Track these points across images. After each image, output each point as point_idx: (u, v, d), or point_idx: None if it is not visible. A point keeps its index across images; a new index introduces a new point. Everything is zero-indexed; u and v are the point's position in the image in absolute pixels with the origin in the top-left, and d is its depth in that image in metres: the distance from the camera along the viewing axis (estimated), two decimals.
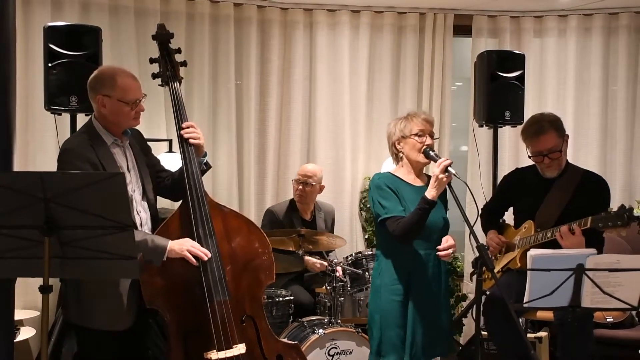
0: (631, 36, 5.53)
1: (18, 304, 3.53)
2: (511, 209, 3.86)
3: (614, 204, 3.20)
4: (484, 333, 3.57)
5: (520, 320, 3.71)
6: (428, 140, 3.15)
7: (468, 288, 5.36)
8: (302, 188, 4.65)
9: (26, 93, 4.47)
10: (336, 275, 4.16)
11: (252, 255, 3.12)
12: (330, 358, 3.94)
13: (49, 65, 3.82)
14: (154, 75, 3.23)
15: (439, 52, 5.48)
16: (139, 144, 3.10)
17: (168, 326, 2.94)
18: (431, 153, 3.11)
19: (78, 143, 2.88)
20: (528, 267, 2.85)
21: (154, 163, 3.19)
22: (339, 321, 4.07)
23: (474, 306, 3.01)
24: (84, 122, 3.03)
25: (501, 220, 3.91)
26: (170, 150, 4.86)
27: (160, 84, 3.24)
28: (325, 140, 5.40)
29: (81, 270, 2.48)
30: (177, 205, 3.11)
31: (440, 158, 3.04)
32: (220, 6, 5.15)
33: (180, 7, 5.02)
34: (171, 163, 4.01)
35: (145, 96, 2.97)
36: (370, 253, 4.35)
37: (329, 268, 4.20)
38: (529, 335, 4.05)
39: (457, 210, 2.93)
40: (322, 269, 4.36)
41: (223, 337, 2.91)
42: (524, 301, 2.85)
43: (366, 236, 5.47)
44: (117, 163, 2.92)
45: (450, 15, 5.50)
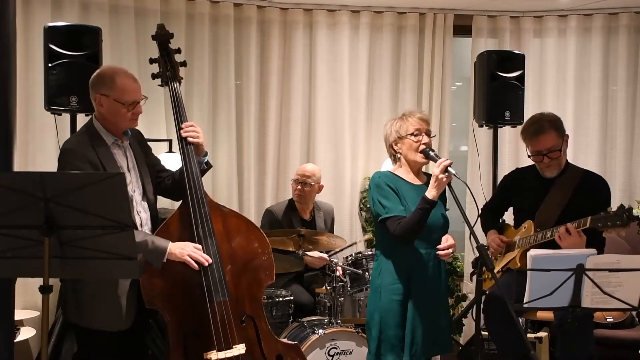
0: (631, 36, 5.53)
1: (18, 304, 3.53)
2: (511, 209, 3.86)
3: (614, 204, 3.20)
4: (484, 333, 3.57)
5: (520, 320, 3.71)
6: (425, 139, 3.13)
7: (468, 288, 5.36)
8: (301, 188, 4.65)
9: (26, 93, 4.46)
10: (336, 275, 4.16)
11: (252, 255, 3.11)
12: (330, 358, 3.94)
13: (49, 65, 3.83)
14: (154, 75, 3.23)
15: (439, 52, 5.48)
16: (140, 144, 3.10)
17: (168, 326, 2.93)
18: (431, 153, 3.10)
19: (78, 143, 2.88)
20: (528, 267, 2.85)
21: (154, 163, 3.18)
22: (339, 321, 4.06)
23: (474, 306, 3.01)
24: (84, 122, 3.04)
25: (501, 220, 3.92)
26: (170, 150, 4.86)
27: (160, 84, 3.24)
28: (325, 140, 5.40)
29: (81, 270, 2.48)
30: (177, 205, 3.11)
31: (440, 158, 3.03)
32: (220, 6, 5.15)
33: (180, 7, 5.02)
34: (171, 163, 4.01)
35: (146, 99, 2.97)
36: (370, 253, 4.35)
37: (328, 265, 4.19)
38: (529, 335, 4.04)
39: (457, 210, 2.92)
40: (323, 264, 4.35)
41: (223, 338, 2.91)
42: (524, 301, 2.85)
43: (366, 236, 5.46)
44: (118, 163, 2.92)
45: (450, 15, 5.50)
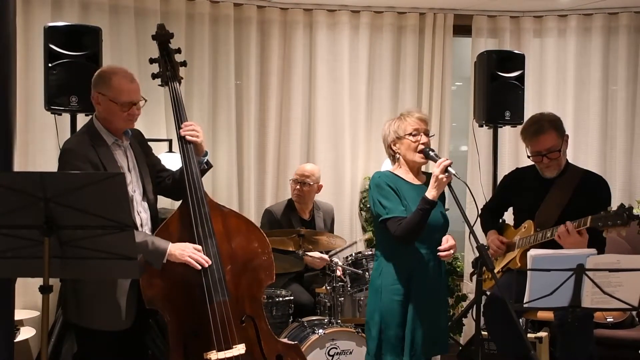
0: (631, 36, 5.53)
1: (18, 304, 3.53)
2: (511, 209, 3.86)
3: (614, 204, 3.19)
4: (484, 333, 3.57)
5: (520, 320, 3.71)
6: (423, 138, 3.11)
7: (468, 288, 5.35)
8: (300, 188, 4.65)
9: (26, 93, 4.46)
10: (336, 275, 4.16)
11: (252, 255, 3.11)
12: (330, 358, 3.93)
13: (49, 65, 3.82)
14: (154, 75, 3.23)
15: (439, 52, 5.48)
16: (140, 144, 3.10)
17: (168, 326, 2.93)
18: (431, 153, 3.08)
19: (79, 143, 2.88)
20: (528, 267, 2.85)
21: (155, 163, 3.19)
22: (339, 321, 4.06)
23: (474, 306, 3.01)
24: (84, 122, 3.04)
25: (501, 220, 3.91)
26: (170, 150, 4.86)
27: (160, 84, 3.25)
28: (325, 140, 5.40)
29: (81, 270, 2.48)
30: (177, 205, 3.11)
31: (439, 158, 3.01)
32: (220, 6, 5.15)
33: (180, 7, 5.02)
34: (171, 163, 4.00)
35: (145, 101, 2.97)
36: (370, 253, 4.34)
37: (328, 265, 4.19)
38: (529, 335, 4.04)
39: (457, 210, 2.92)
40: (323, 264, 4.35)
41: (223, 338, 2.91)
42: (524, 301, 2.85)
43: (366, 236, 5.46)
44: (118, 163, 2.92)
45: (450, 15, 5.50)
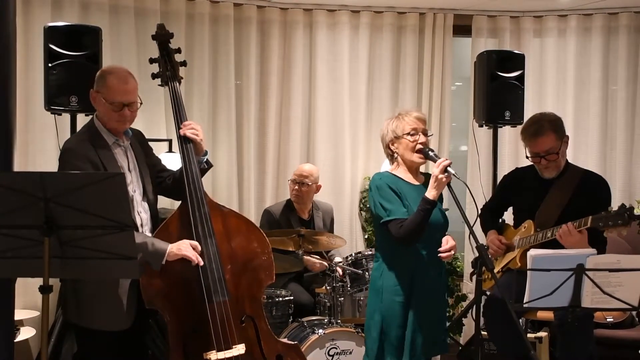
0: (631, 36, 5.53)
1: (18, 304, 3.53)
2: (511, 209, 3.86)
3: (614, 204, 3.20)
4: (484, 333, 3.56)
5: (520, 320, 3.71)
6: (421, 138, 3.09)
7: (468, 288, 5.35)
8: (299, 188, 4.64)
9: (26, 93, 4.46)
10: (336, 275, 4.16)
11: (252, 255, 3.11)
12: (330, 358, 3.93)
13: (49, 65, 3.82)
14: (154, 75, 3.23)
15: (439, 52, 5.48)
16: (141, 144, 3.10)
17: (168, 326, 2.93)
18: (430, 153, 3.07)
19: (79, 143, 2.88)
20: (528, 267, 2.85)
21: (155, 163, 3.18)
22: (339, 321, 4.06)
23: (474, 306, 3.00)
24: (84, 122, 3.04)
25: (501, 220, 3.91)
26: (170, 150, 4.86)
27: (160, 84, 3.25)
28: (325, 140, 5.40)
29: (81, 270, 2.48)
30: (177, 205, 3.10)
31: (439, 158, 3.00)
32: (220, 6, 5.15)
33: (180, 7, 5.02)
34: (171, 163, 4.00)
35: (140, 104, 2.95)
36: (370, 253, 4.34)
37: (329, 269, 4.19)
38: (529, 335, 4.04)
39: (457, 210, 2.91)
40: (322, 269, 4.36)
41: (222, 338, 2.91)
42: (524, 301, 2.85)
43: (366, 236, 5.47)
44: (118, 163, 2.92)
45: (450, 15, 5.50)
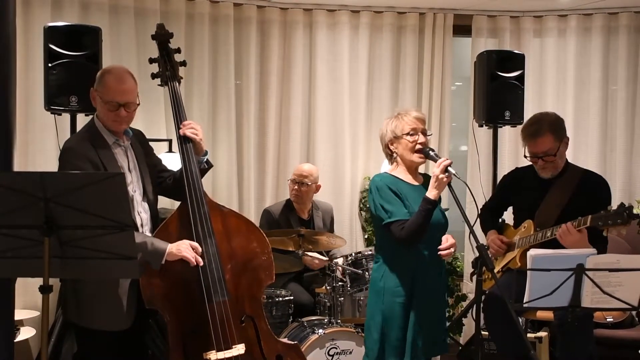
0: (631, 36, 5.53)
1: (18, 304, 3.53)
2: (511, 209, 3.86)
3: (614, 204, 3.19)
4: (484, 333, 3.57)
5: (520, 320, 3.70)
6: (421, 138, 3.08)
7: (468, 288, 5.35)
8: (298, 188, 4.64)
9: (26, 93, 4.46)
10: (336, 275, 4.16)
11: (252, 255, 3.11)
12: (330, 358, 3.93)
13: (49, 65, 3.82)
14: (154, 75, 3.23)
15: (439, 52, 5.48)
16: (141, 145, 3.10)
17: (168, 326, 2.93)
18: (431, 153, 3.07)
19: (79, 142, 2.89)
20: (528, 267, 2.85)
21: (156, 163, 3.18)
22: (339, 321, 4.06)
23: (474, 306, 3.01)
24: (84, 122, 3.04)
25: (501, 220, 3.91)
26: (170, 150, 4.86)
27: (159, 84, 3.25)
28: (325, 140, 5.39)
29: (81, 270, 2.48)
30: (177, 205, 3.11)
31: (439, 158, 3.00)
32: (220, 6, 5.15)
33: (180, 7, 5.02)
34: (171, 163, 4.00)
35: (137, 105, 2.95)
36: (370, 253, 4.34)
37: (328, 265, 4.19)
38: (529, 335, 4.04)
39: (457, 210, 2.91)
40: (321, 266, 4.35)
41: (222, 338, 2.91)
42: (524, 301, 2.85)
43: (366, 236, 5.47)
44: (119, 163, 2.92)
45: (450, 15, 5.50)
